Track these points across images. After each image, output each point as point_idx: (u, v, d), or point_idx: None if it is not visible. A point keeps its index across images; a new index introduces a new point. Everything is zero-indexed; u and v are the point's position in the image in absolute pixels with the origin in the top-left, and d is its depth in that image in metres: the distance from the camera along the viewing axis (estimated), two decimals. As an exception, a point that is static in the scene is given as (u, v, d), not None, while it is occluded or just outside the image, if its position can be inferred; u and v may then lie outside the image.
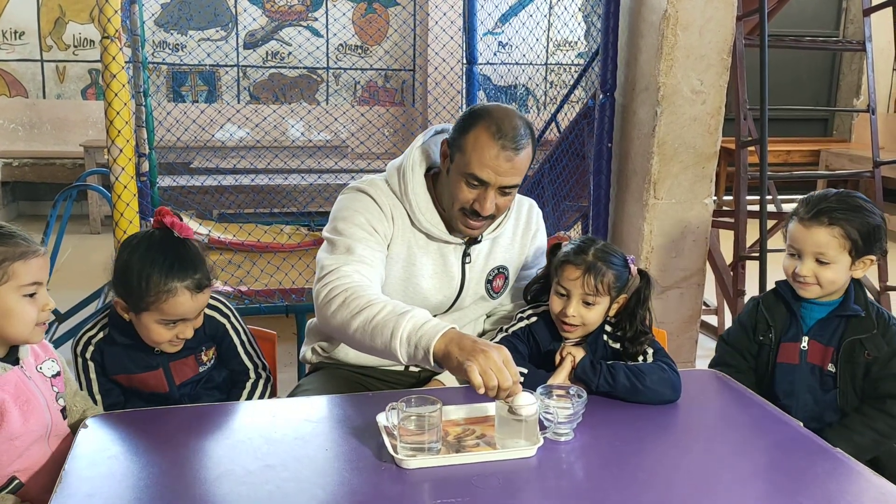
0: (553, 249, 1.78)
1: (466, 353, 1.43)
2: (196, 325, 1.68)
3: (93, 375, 1.70)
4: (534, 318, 1.78)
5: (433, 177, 1.86)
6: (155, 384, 1.72)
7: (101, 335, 1.71)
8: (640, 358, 1.70)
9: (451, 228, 1.83)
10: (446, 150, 1.77)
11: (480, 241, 1.87)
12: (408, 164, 1.82)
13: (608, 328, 1.74)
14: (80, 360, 1.70)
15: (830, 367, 1.79)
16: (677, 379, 1.66)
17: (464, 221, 1.78)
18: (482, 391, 1.40)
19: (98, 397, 1.70)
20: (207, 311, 1.75)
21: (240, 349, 1.81)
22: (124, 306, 1.65)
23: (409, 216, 1.82)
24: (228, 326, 1.79)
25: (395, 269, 1.82)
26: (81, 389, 1.69)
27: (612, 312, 1.73)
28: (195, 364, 1.75)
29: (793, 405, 1.80)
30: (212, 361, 1.79)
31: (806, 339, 1.82)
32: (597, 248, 1.69)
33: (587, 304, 1.67)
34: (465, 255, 1.87)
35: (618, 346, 1.73)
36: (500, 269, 1.92)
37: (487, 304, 1.94)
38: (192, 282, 1.61)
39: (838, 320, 1.80)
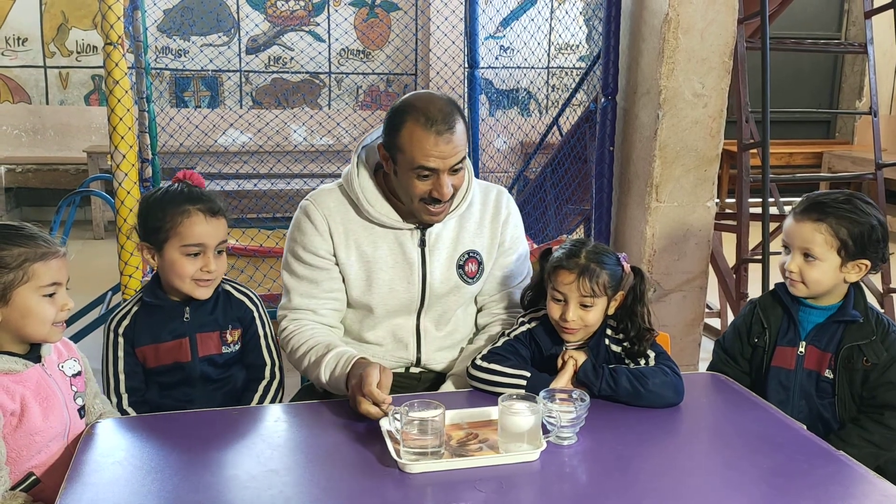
0: (544, 254, 1.77)
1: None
2: (220, 266, 1.76)
3: (121, 353, 1.76)
4: (534, 323, 1.78)
5: (385, 173, 1.87)
6: (178, 353, 1.77)
7: (136, 308, 1.79)
8: (643, 361, 1.70)
9: (406, 218, 1.84)
10: (385, 154, 1.80)
11: (433, 225, 1.87)
12: (353, 162, 1.88)
13: (609, 331, 1.74)
14: (111, 335, 1.77)
15: (828, 373, 1.75)
16: (680, 382, 1.66)
17: (426, 211, 1.79)
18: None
19: (122, 377, 1.75)
20: (237, 295, 1.85)
21: (262, 341, 1.86)
22: (149, 248, 1.74)
23: (354, 211, 1.85)
24: (256, 315, 1.86)
25: (352, 272, 1.85)
26: (107, 368, 1.75)
27: (611, 311, 1.72)
28: (219, 341, 1.80)
29: (785, 411, 1.74)
30: (236, 346, 1.82)
31: (804, 343, 1.78)
32: (588, 250, 1.68)
33: (585, 306, 1.67)
34: (422, 240, 1.87)
35: (620, 349, 1.73)
36: (472, 254, 1.91)
37: (466, 291, 1.91)
38: (203, 205, 1.73)
39: (837, 325, 1.75)
